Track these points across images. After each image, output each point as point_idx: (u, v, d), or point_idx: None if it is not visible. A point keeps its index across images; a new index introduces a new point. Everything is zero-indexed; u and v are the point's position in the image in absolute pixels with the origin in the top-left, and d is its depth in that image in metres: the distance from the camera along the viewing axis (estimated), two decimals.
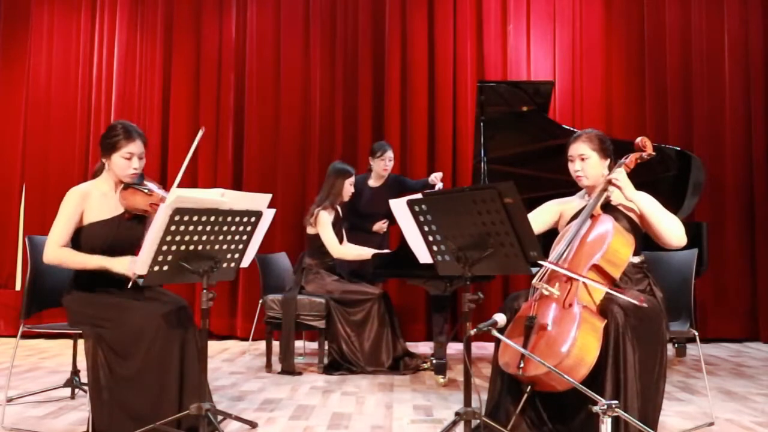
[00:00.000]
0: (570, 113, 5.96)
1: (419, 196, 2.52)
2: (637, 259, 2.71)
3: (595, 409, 2.01)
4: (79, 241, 2.83)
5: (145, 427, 2.56)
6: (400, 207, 2.65)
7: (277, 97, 6.11)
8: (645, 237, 2.75)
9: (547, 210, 2.95)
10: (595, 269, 2.54)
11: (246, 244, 2.74)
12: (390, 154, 4.88)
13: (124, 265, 2.74)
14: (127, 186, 2.84)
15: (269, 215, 2.79)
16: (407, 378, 4.06)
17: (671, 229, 2.63)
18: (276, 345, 4.32)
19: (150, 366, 2.66)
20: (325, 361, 4.23)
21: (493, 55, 6.00)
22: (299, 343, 5.13)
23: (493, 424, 2.48)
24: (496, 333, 2.36)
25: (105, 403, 2.64)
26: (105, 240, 2.82)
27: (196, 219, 2.48)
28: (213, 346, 5.24)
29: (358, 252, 4.39)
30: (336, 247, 4.35)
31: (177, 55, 6.19)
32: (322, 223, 4.35)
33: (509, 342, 2.40)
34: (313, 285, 4.34)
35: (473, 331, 2.36)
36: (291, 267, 4.85)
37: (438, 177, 4.75)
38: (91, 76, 6.22)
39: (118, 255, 2.79)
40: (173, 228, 2.44)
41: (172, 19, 6.22)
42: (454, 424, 2.53)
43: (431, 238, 2.54)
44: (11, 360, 3.16)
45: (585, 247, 2.59)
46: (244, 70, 6.14)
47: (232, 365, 4.52)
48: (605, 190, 2.71)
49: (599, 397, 2.07)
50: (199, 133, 2.90)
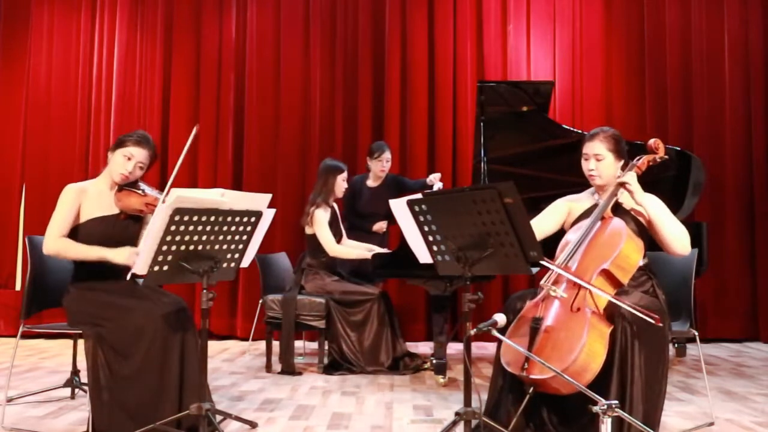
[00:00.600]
0: (570, 113, 5.96)
1: (419, 196, 2.52)
2: (643, 262, 2.69)
3: (595, 409, 2.01)
4: (77, 238, 2.84)
5: (145, 427, 2.56)
6: (400, 207, 2.66)
7: (277, 97, 6.11)
8: (650, 239, 2.74)
9: (557, 209, 2.92)
10: (604, 273, 2.53)
11: (246, 244, 2.74)
12: (387, 155, 4.88)
13: (123, 256, 2.76)
14: (122, 188, 2.89)
15: (269, 215, 2.79)
16: (407, 378, 4.06)
17: (677, 238, 2.61)
18: (276, 345, 4.32)
19: (150, 366, 2.66)
20: (325, 361, 4.23)
21: (493, 55, 6.00)
22: (299, 343, 5.13)
23: (493, 424, 2.47)
24: (496, 333, 2.35)
25: (105, 403, 2.65)
26: (102, 237, 2.84)
27: (196, 219, 2.48)
28: (213, 346, 5.24)
29: (356, 251, 4.39)
30: (332, 246, 4.34)
31: (177, 55, 6.19)
32: (318, 222, 4.34)
33: (511, 343, 2.39)
34: (313, 285, 4.34)
35: (473, 331, 2.36)
36: (291, 267, 4.85)
37: (436, 177, 4.74)
38: (91, 76, 6.22)
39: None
40: (173, 228, 2.44)
41: (172, 19, 6.22)
42: (454, 424, 2.53)
43: (431, 238, 2.53)
44: (11, 360, 3.16)
45: (595, 251, 2.57)
46: (244, 70, 6.14)
47: (232, 365, 4.52)
48: (615, 193, 2.68)
49: (599, 398, 2.06)
50: (193, 131, 2.92)
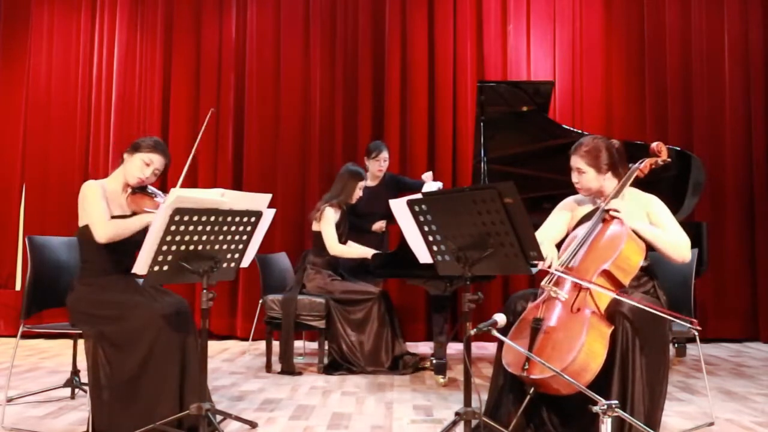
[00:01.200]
0: (570, 113, 5.96)
1: (419, 196, 2.52)
2: (643, 263, 2.68)
3: (595, 410, 2.00)
4: (89, 235, 2.83)
5: (145, 427, 2.56)
6: (400, 207, 2.65)
7: (277, 97, 6.11)
8: None
9: (560, 216, 2.90)
10: (605, 275, 2.53)
11: (246, 244, 2.74)
12: (385, 154, 4.88)
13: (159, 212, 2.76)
14: (135, 191, 2.94)
15: (269, 215, 2.79)
16: (407, 378, 4.06)
17: (675, 247, 2.60)
18: (276, 345, 4.32)
19: (150, 366, 2.67)
20: (325, 361, 4.23)
21: (493, 55, 6.00)
22: (299, 343, 5.13)
23: (493, 424, 2.47)
24: (496, 333, 2.35)
25: (105, 403, 2.65)
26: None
27: (196, 219, 2.48)
28: (213, 346, 5.24)
29: (357, 251, 4.39)
30: (334, 245, 4.35)
31: (177, 55, 6.19)
32: (326, 219, 4.36)
33: (511, 344, 2.39)
34: (314, 284, 4.34)
35: (473, 331, 2.36)
36: (291, 267, 4.86)
37: (429, 177, 4.77)
38: (91, 76, 6.22)
39: (123, 250, 2.85)
40: (173, 228, 2.44)
41: (172, 19, 6.22)
42: (454, 424, 2.53)
43: (431, 238, 2.53)
44: (11, 360, 3.16)
45: (595, 252, 2.57)
46: (244, 70, 6.14)
47: (232, 365, 4.52)
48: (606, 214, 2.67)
49: (599, 398, 2.06)
50: (209, 114, 3.00)
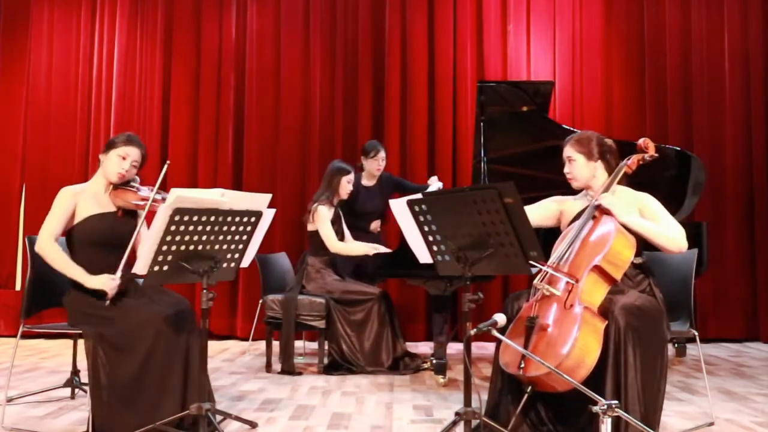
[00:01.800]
0: (570, 113, 5.96)
1: (419, 196, 2.52)
2: (638, 260, 2.70)
3: (595, 409, 2.00)
4: (77, 235, 2.86)
5: (146, 427, 2.56)
6: (400, 207, 2.65)
7: (277, 97, 6.11)
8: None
9: (545, 207, 2.94)
10: (597, 270, 2.54)
11: (246, 244, 2.74)
12: (383, 154, 4.88)
13: (99, 282, 2.78)
14: (116, 187, 2.94)
15: (269, 215, 2.79)
16: (407, 378, 4.06)
17: (670, 239, 2.61)
18: (276, 345, 4.32)
19: (151, 366, 2.67)
20: (325, 361, 4.23)
21: (493, 55, 6.00)
22: (299, 343, 5.13)
23: (493, 424, 2.48)
24: (496, 333, 2.36)
25: (105, 403, 2.65)
26: (101, 233, 2.87)
27: (196, 219, 2.49)
28: (213, 346, 5.24)
29: (358, 248, 4.39)
30: (333, 242, 4.34)
31: (177, 55, 6.19)
32: (320, 218, 4.35)
33: (509, 342, 2.40)
34: (314, 284, 4.34)
35: (473, 331, 2.36)
36: (291, 267, 4.85)
37: (434, 180, 4.78)
38: (91, 76, 6.21)
39: (112, 248, 2.85)
40: (173, 228, 2.44)
41: (172, 19, 6.22)
42: (454, 424, 2.53)
43: (431, 238, 2.54)
44: (11, 360, 3.16)
45: (586, 248, 2.59)
46: (244, 70, 6.14)
47: (232, 365, 4.52)
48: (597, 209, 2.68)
49: (599, 398, 2.06)
50: (164, 167, 2.98)
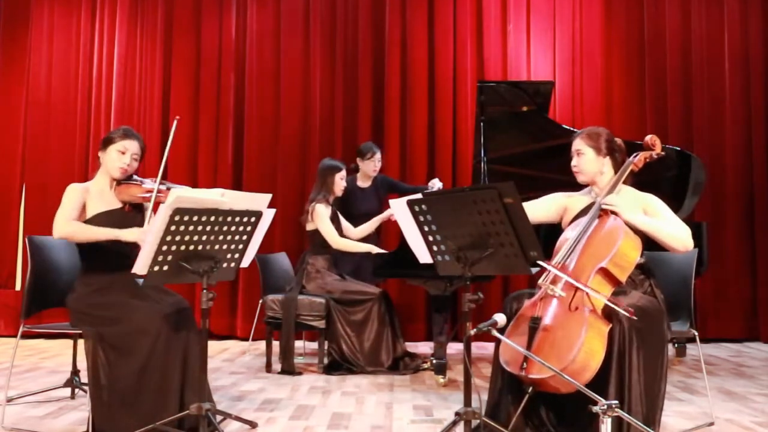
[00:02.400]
0: (570, 113, 5.96)
1: (419, 196, 2.52)
2: (640, 260, 2.67)
3: (595, 409, 2.00)
4: None
5: (146, 427, 2.56)
6: (400, 207, 2.65)
7: (277, 97, 6.11)
8: (647, 238, 2.73)
9: (551, 200, 2.92)
10: (602, 272, 2.52)
11: (246, 244, 2.74)
12: (379, 155, 4.93)
13: (133, 234, 2.79)
14: (120, 182, 2.95)
15: (269, 215, 2.79)
16: (407, 378, 4.06)
17: (676, 238, 2.60)
18: (276, 345, 4.32)
19: (151, 366, 2.67)
20: (325, 361, 4.23)
21: (493, 55, 6.00)
22: (299, 343, 5.13)
23: (493, 424, 2.47)
24: (496, 333, 2.35)
25: (105, 403, 2.65)
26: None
27: (196, 219, 2.48)
28: (213, 346, 5.24)
29: (359, 246, 4.40)
30: (335, 238, 4.35)
31: (177, 55, 6.19)
32: (319, 216, 4.35)
33: (511, 343, 2.39)
34: (314, 284, 4.34)
35: (473, 331, 2.36)
36: (291, 267, 4.85)
37: (435, 182, 4.79)
38: (91, 76, 6.22)
39: (121, 244, 2.84)
40: (173, 228, 2.44)
41: (172, 19, 6.22)
42: (454, 424, 2.52)
43: (431, 238, 2.53)
44: (11, 360, 3.16)
45: (592, 249, 2.56)
46: (244, 70, 6.14)
47: (232, 365, 4.52)
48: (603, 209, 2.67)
49: (599, 397, 2.06)
50: (174, 123, 2.99)
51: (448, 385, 3.81)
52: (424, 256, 2.68)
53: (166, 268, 2.51)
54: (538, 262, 2.39)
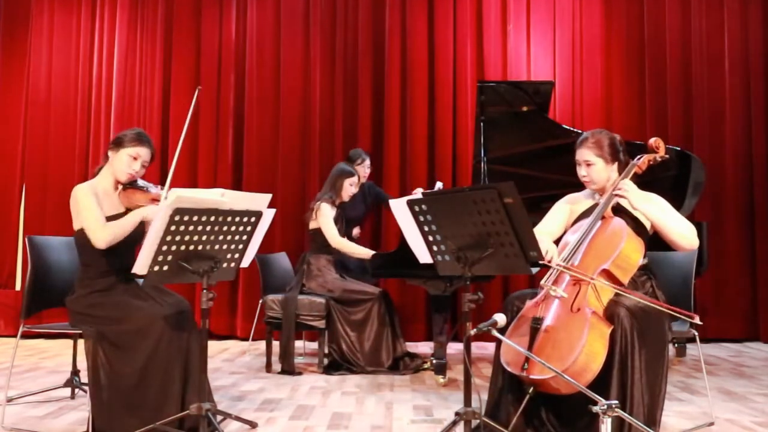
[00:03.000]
0: (570, 113, 5.96)
1: (419, 196, 2.52)
2: (642, 261, 2.67)
3: (595, 409, 2.00)
4: (87, 238, 2.80)
5: (146, 427, 2.56)
6: (400, 207, 2.65)
7: (277, 97, 6.11)
8: (650, 239, 2.73)
9: (560, 210, 2.92)
10: (604, 273, 2.52)
11: (246, 244, 2.74)
12: (368, 161, 4.98)
13: (154, 209, 2.77)
14: (126, 187, 2.91)
15: (269, 215, 2.79)
16: (407, 378, 4.06)
17: (682, 235, 2.61)
18: (276, 345, 4.32)
19: (151, 366, 2.67)
20: (325, 361, 4.23)
21: (493, 55, 6.00)
22: (299, 343, 5.13)
23: (494, 424, 2.47)
24: (496, 333, 2.35)
25: (105, 403, 2.65)
26: None
27: (196, 219, 2.48)
28: (213, 346, 5.24)
29: (358, 249, 4.39)
30: (336, 237, 4.35)
31: (177, 55, 6.19)
32: (323, 214, 4.36)
33: (511, 344, 2.39)
34: (315, 282, 4.34)
35: (473, 331, 2.36)
36: (291, 267, 4.85)
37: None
38: (91, 76, 6.22)
39: (124, 248, 2.83)
40: (173, 228, 2.44)
41: (172, 19, 6.22)
42: (454, 424, 2.52)
43: (431, 238, 2.53)
44: (11, 360, 3.16)
45: (595, 250, 2.56)
46: (244, 70, 6.14)
47: (232, 365, 4.52)
48: (614, 195, 2.68)
49: (599, 398, 2.06)
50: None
51: (448, 385, 3.81)
52: (424, 256, 2.69)
53: (166, 268, 2.51)
54: (542, 261, 2.39)
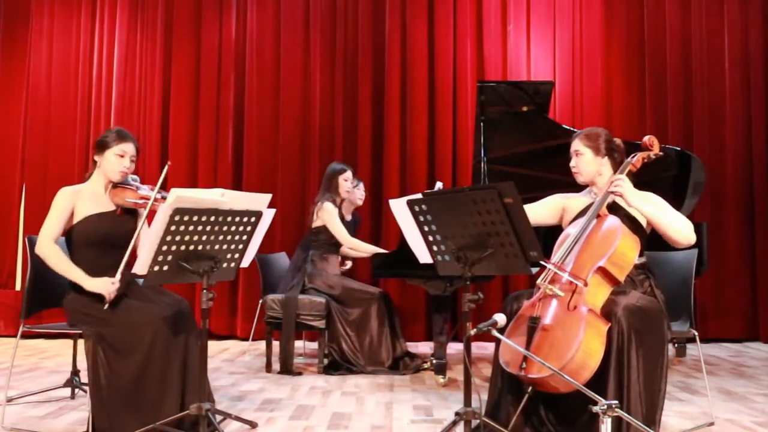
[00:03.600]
0: (570, 113, 5.96)
1: (419, 196, 2.52)
2: (640, 260, 2.68)
3: (595, 409, 2.00)
4: (75, 235, 2.85)
5: (146, 427, 2.57)
6: (400, 207, 2.65)
7: (277, 97, 6.11)
8: (647, 238, 2.74)
9: (551, 203, 2.92)
10: (600, 271, 2.52)
11: (246, 244, 2.74)
12: (362, 185, 4.86)
13: (98, 286, 2.76)
14: (116, 185, 2.93)
15: (269, 215, 2.79)
16: (407, 378, 4.06)
17: (678, 231, 2.60)
18: (276, 345, 4.32)
19: (151, 366, 2.67)
20: (325, 361, 4.23)
21: (493, 55, 6.00)
22: (299, 343, 5.13)
23: (493, 424, 2.47)
24: (496, 333, 2.35)
25: (105, 403, 2.65)
26: (100, 232, 2.85)
27: (196, 219, 2.49)
28: (213, 346, 5.24)
29: (368, 248, 4.41)
30: (347, 237, 4.37)
31: (177, 55, 6.19)
32: (329, 213, 4.36)
33: (511, 343, 2.39)
34: (318, 280, 4.33)
35: (473, 331, 2.36)
36: None
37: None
38: (91, 76, 6.22)
39: (112, 248, 2.84)
40: (173, 228, 2.44)
41: (172, 19, 6.22)
42: (454, 424, 2.52)
43: (431, 238, 2.53)
44: (11, 360, 3.16)
45: (591, 248, 2.57)
46: (244, 70, 6.14)
47: (232, 365, 4.52)
48: (609, 192, 2.69)
49: (599, 397, 2.06)
50: (165, 168, 2.95)
51: (448, 385, 3.81)
52: (424, 256, 2.68)
53: (166, 268, 2.51)
54: (540, 261, 2.39)
